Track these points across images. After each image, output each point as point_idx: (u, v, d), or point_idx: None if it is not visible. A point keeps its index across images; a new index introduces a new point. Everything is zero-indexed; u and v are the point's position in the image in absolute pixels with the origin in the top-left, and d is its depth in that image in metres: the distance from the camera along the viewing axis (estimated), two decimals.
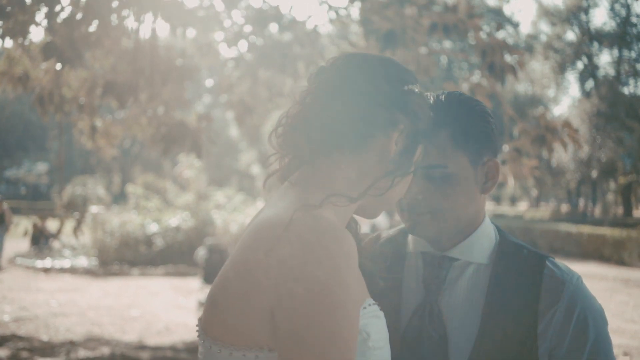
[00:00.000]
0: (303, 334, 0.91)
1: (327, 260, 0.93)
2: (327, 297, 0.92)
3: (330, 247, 0.94)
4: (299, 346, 0.91)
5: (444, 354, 1.33)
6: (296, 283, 0.92)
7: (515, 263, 1.37)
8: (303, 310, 0.92)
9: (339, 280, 0.93)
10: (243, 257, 1.00)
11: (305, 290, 0.92)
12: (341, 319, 0.93)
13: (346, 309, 0.94)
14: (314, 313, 0.91)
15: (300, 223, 0.97)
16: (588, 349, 1.29)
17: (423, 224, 1.35)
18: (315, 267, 0.92)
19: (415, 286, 1.42)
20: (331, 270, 0.93)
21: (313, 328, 0.91)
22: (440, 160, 1.31)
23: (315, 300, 0.91)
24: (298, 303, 0.92)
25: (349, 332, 0.94)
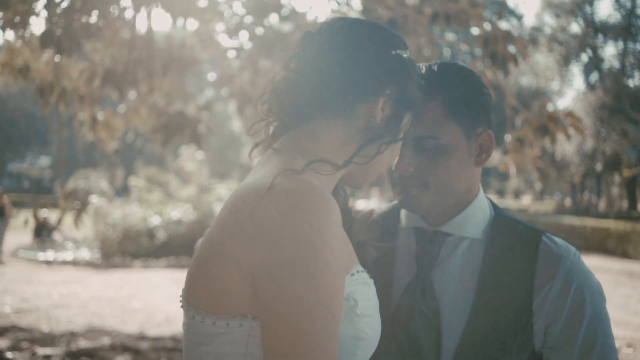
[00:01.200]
0: (284, 298, 0.88)
1: (308, 222, 0.90)
2: (309, 259, 0.88)
3: (312, 209, 0.91)
4: (279, 311, 0.88)
5: (437, 330, 1.29)
6: (277, 245, 0.89)
7: (510, 238, 1.32)
8: (284, 273, 0.88)
9: (321, 242, 0.90)
10: (224, 223, 0.97)
11: (286, 253, 0.89)
12: (324, 282, 0.89)
13: (330, 271, 0.90)
14: (296, 276, 0.88)
15: (282, 186, 0.94)
16: (585, 326, 1.24)
17: (415, 197, 1.31)
18: (296, 229, 0.89)
19: (407, 262, 1.38)
20: (313, 232, 0.89)
21: (294, 292, 0.88)
22: (433, 130, 1.26)
23: (296, 263, 0.88)
24: (279, 266, 0.89)
25: (333, 296, 0.90)
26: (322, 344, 0.88)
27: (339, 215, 0.95)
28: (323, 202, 0.93)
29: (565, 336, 1.25)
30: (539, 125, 6.13)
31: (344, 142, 1.08)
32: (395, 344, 1.32)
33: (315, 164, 1.02)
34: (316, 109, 1.07)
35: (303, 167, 1.00)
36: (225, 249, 0.94)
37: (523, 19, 41.35)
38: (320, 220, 0.91)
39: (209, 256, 0.97)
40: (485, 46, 5.90)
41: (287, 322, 0.88)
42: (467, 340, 1.26)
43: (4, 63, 6.49)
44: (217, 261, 0.95)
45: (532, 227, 1.35)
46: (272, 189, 0.94)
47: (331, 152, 1.07)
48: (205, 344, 0.97)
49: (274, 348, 0.89)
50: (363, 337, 1.02)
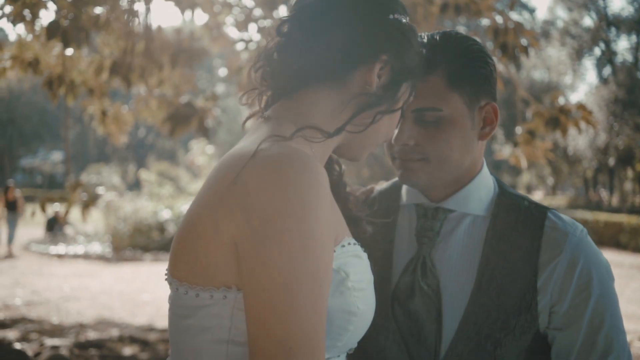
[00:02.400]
0: (266, 268, 0.85)
1: (293, 188, 0.86)
2: (293, 227, 0.85)
3: (298, 175, 0.87)
4: (262, 281, 0.85)
5: (437, 309, 1.25)
6: (260, 213, 0.86)
7: (514, 214, 1.28)
8: (266, 241, 0.85)
9: (306, 210, 0.86)
10: (208, 190, 0.94)
11: (268, 220, 0.85)
12: (310, 251, 0.86)
13: (316, 240, 0.87)
14: (279, 244, 0.84)
15: (267, 152, 0.90)
16: (592, 306, 1.19)
17: (415, 172, 1.26)
18: (280, 196, 0.85)
19: (407, 240, 1.34)
20: (298, 198, 0.86)
21: (277, 261, 0.84)
22: (434, 102, 1.22)
23: (280, 231, 0.85)
24: (261, 234, 0.85)
25: (319, 266, 0.87)
26: (308, 316, 0.85)
27: (327, 184, 0.92)
28: (309, 168, 0.89)
29: (571, 316, 1.20)
30: (549, 118, 6.07)
31: (338, 110, 1.04)
32: (394, 323, 1.29)
33: (305, 130, 0.99)
34: (309, 75, 1.04)
35: (292, 134, 0.96)
36: (209, 218, 0.91)
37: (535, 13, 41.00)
38: (305, 187, 0.87)
39: (193, 226, 0.94)
40: (496, 37, 5.84)
41: (270, 293, 0.84)
42: (469, 320, 1.22)
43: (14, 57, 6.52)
44: (200, 231, 0.92)
45: (537, 204, 1.30)
46: (257, 154, 0.90)
47: (324, 119, 1.03)
48: (189, 317, 0.94)
49: (256, 321, 0.86)
50: (355, 311, 0.99)
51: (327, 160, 1.19)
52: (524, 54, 5.73)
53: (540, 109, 6.15)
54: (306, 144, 0.99)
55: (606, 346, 1.18)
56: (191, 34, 6.83)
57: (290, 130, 0.98)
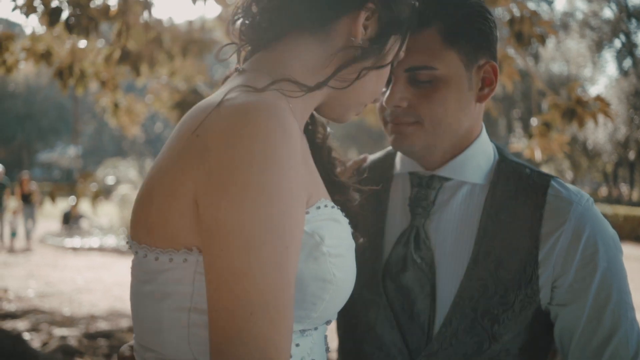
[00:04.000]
0: (226, 226, 0.77)
1: (259, 139, 0.78)
2: (256, 181, 0.77)
3: (264, 126, 0.79)
4: (222, 241, 0.77)
5: (431, 283, 1.17)
6: (221, 166, 0.78)
7: (515, 182, 1.18)
8: (227, 197, 0.77)
9: (273, 163, 0.78)
10: (170, 144, 0.87)
11: (230, 174, 0.77)
12: (275, 209, 0.78)
13: (282, 198, 0.79)
14: (241, 200, 0.77)
15: (233, 102, 0.82)
16: (598, 279, 1.10)
17: (408, 137, 1.17)
18: (244, 146, 0.78)
19: (401, 210, 1.25)
20: (264, 150, 0.78)
21: (238, 219, 0.77)
22: (428, 60, 1.13)
23: (242, 185, 0.77)
24: (221, 189, 0.78)
25: (286, 227, 0.79)
26: (272, 280, 0.77)
27: (298, 138, 0.84)
28: (278, 119, 0.81)
29: (575, 291, 1.12)
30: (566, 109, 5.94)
31: (320, 64, 0.96)
32: (385, 298, 1.21)
33: (282, 83, 0.90)
34: (289, 26, 0.96)
35: (265, 86, 0.88)
36: (169, 174, 0.84)
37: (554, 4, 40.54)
38: (272, 138, 0.79)
39: (153, 183, 0.87)
40: (511, 26, 5.73)
41: (229, 253, 0.77)
42: (464, 295, 1.14)
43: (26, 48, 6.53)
44: (160, 187, 0.85)
45: (540, 171, 1.21)
46: (221, 104, 0.83)
47: (304, 73, 0.95)
48: (148, 283, 0.88)
49: (214, 284, 0.78)
50: (330, 279, 0.92)
51: (311, 122, 1.11)
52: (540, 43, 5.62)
53: (557, 101, 6.03)
54: (282, 99, 0.90)
55: (613, 323, 1.10)
56: (202, 25, 6.80)
57: (265, 83, 0.90)
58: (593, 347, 1.11)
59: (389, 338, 1.20)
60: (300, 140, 0.86)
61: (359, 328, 1.25)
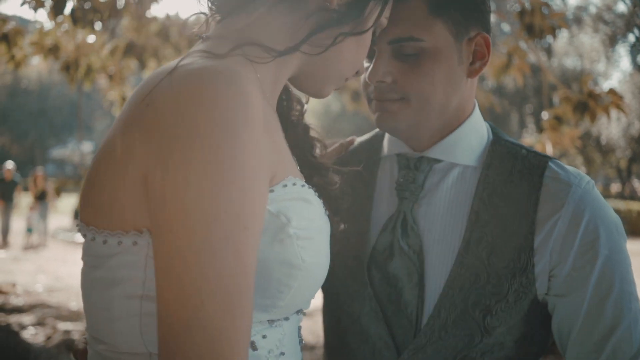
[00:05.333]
0: (176, 204, 0.70)
1: (214, 107, 0.71)
2: (209, 153, 0.70)
3: (220, 93, 0.72)
4: (170, 219, 0.70)
5: (419, 272, 1.09)
6: (171, 137, 0.71)
7: (510, 164, 1.10)
8: (177, 171, 0.71)
9: (229, 134, 0.71)
10: (121, 116, 0.80)
11: (181, 144, 0.71)
12: (230, 183, 0.71)
13: (239, 172, 0.72)
14: (192, 175, 0.70)
15: (188, 66, 0.76)
16: (599, 268, 1.02)
17: (393, 115, 1.09)
18: (196, 115, 0.71)
19: (388, 195, 1.18)
20: (219, 120, 0.71)
21: (188, 194, 0.70)
22: (413, 31, 1.05)
23: (193, 157, 0.70)
24: (170, 162, 0.71)
25: (243, 204, 0.72)
26: (226, 265, 0.71)
27: (258, 109, 0.77)
28: (237, 88, 0.74)
29: (574, 281, 1.04)
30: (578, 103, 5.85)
31: (291, 28, 0.89)
32: (370, 288, 1.14)
33: (246, 48, 0.84)
34: None
35: (227, 51, 0.81)
36: (118, 147, 0.78)
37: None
38: (229, 107, 0.72)
39: (102, 160, 0.81)
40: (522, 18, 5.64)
41: (178, 235, 0.70)
42: (454, 284, 1.07)
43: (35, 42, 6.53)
44: (108, 163, 0.79)
45: (537, 152, 1.13)
46: (175, 70, 0.76)
47: (273, 38, 0.89)
48: (98, 268, 0.81)
49: (163, 269, 0.72)
50: (298, 264, 0.84)
51: (286, 97, 1.05)
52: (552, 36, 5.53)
53: (568, 94, 5.93)
54: (248, 66, 0.84)
55: (615, 315, 1.02)
56: None
57: (228, 48, 0.83)
58: (593, 341, 1.03)
59: (375, 331, 1.14)
60: (262, 111, 0.79)
61: (343, 321, 1.19)
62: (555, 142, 6.28)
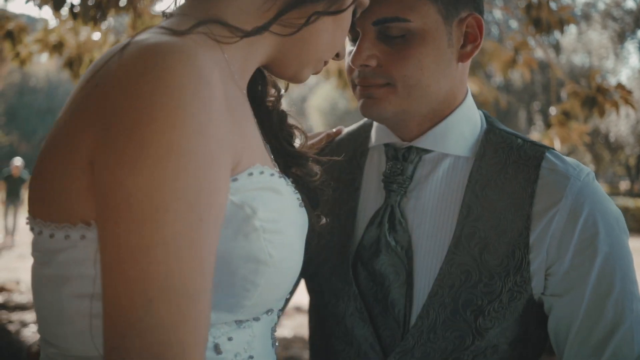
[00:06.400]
0: (121, 191, 0.63)
1: (165, 86, 0.65)
2: (159, 137, 0.64)
3: (173, 71, 0.66)
4: (116, 210, 0.64)
5: (407, 270, 1.03)
6: (118, 117, 0.65)
7: (504, 154, 1.04)
8: (123, 156, 0.64)
9: (181, 115, 0.65)
10: (70, 98, 0.74)
11: (128, 127, 0.64)
12: (182, 169, 0.64)
13: (193, 157, 0.65)
14: (138, 160, 0.63)
15: (141, 43, 0.69)
16: (598, 265, 0.95)
17: (379, 101, 1.02)
18: (146, 97, 0.64)
19: (375, 187, 1.12)
20: (170, 100, 0.64)
21: (135, 182, 0.63)
22: (400, 11, 0.98)
23: (141, 141, 0.63)
24: (117, 146, 0.64)
25: (199, 193, 0.65)
26: (179, 260, 0.64)
27: (218, 91, 0.71)
28: (193, 66, 0.68)
29: (572, 279, 0.97)
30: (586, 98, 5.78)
31: (260, 9, 0.83)
32: (356, 287, 1.07)
33: (210, 25, 0.78)
34: None
35: (188, 28, 0.75)
36: (65, 132, 0.72)
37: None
38: (183, 89, 0.66)
39: (49, 147, 0.75)
40: (528, 12, 5.58)
41: (125, 227, 0.63)
42: (444, 282, 1.01)
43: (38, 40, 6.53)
44: (55, 150, 0.73)
45: (534, 142, 1.06)
46: (127, 46, 0.70)
47: (240, 17, 0.82)
48: (47, 265, 0.74)
49: (109, 265, 0.65)
50: (265, 260, 0.78)
51: (260, 82, 0.98)
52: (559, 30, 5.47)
53: (577, 89, 5.86)
54: (214, 47, 0.78)
55: (616, 316, 0.95)
56: None
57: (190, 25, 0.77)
58: (592, 343, 0.96)
59: (360, 332, 1.08)
60: (223, 92, 0.73)
61: (328, 321, 1.13)
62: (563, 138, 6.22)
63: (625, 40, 35.81)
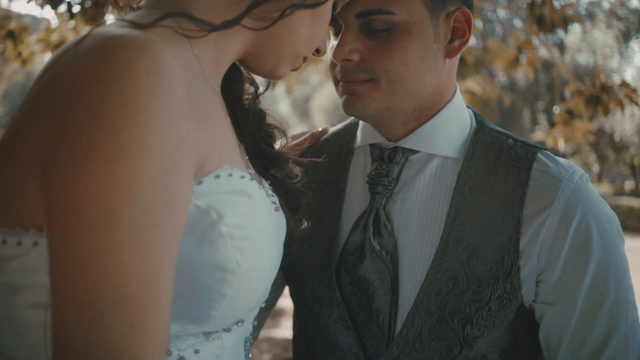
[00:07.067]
0: (69, 195, 0.59)
1: (117, 82, 0.61)
2: (110, 136, 0.59)
3: (127, 65, 0.62)
4: (63, 215, 0.59)
5: (392, 276, 0.98)
6: (67, 115, 0.60)
7: (494, 155, 0.99)
8: (72, 156, 0.59)
9: (135, 113, 0.60)
10: (25, 100, 0.70)
11: (77, 125, 0.60)
12: (136, 172, 0.60)
13: (148, 158, 0.61)
14: (88, 161, 0.59)
15: (96, 36, 0.65)
16: (591, 272, 0.91)
17: (361, 98, 0.98)
18: (97, 93, 0.60)
19: (361, 189, 1.07)
20: (122, 96, 0.60)
21: (84, 185, 0.59)
22: (383, 3, 0.93)
23: (93, 142, 0.59)
24: (67, 146, 0.60)
25: (155, 197, 0.61)
26: (134, 270, 0.59)
27: (177, 87, 0.66)
28: (149, 60, 0.63)
29: (564, 286, 0.93)
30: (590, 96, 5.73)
31: (232, 2, 0.78)
32: (339, 293, 1.03)
33: (176, 19, 0.73)
34: None
35: (152, 21, 0.71)
36: (17, 132, 0.68)
37: None
38: (138, 83, 0.61)
39: (2, 149, 0.70)
40: (531, 10, 5.53)
41: (73, 234, 0.59)
42: (430, 289, 0.96)
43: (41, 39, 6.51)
44: (7, 150, 0.68)
45: (526, 142, 1.01)
46: (84, 40, 0.66)
47: (210, 10, 0.78)
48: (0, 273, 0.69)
49: (57, 274, 0.60)
50: (232, 268, 0.73)
51: (236, 78, 0.94)
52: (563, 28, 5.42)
53: (580, 87, 5.81)
54: (182, 42, 0.74)
55: (610, 325, 0.91)
56: None
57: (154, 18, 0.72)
58: (586, 353, 0.93)
59: (343, 340, 1.03)
60: (186, 88, 0.68)
61: (311, 328, 1.08)
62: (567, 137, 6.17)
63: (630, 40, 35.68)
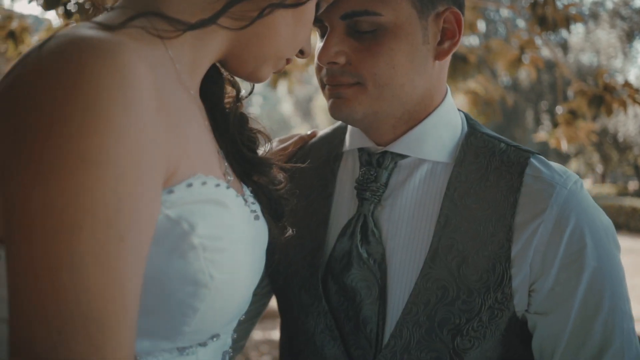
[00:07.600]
0: (26, 207, 0.56)
1: (78, 87, 0.57)
2: (70, 145, 0.56)
3: (88, 69, 0.58)
4: (20, 228, 0.56)
5: (380, 285, 0.94)
6: (28, 123, 0.57)
7: (485, 160, 0.95)
8: (29, 166, 0.56)
9: (96, 120, 0.57)
10: None
11: (38, 135, 0.56)
12: (99, 181, 0.57)
13: (111, 168, 0.57)
14: (49, 171, 0.56)
15: (59, 39, 0.61)
16: (585, 282, 0.87)
17: (348, 101, 0.94)
18: (57, 97, 0.57)
19: (349, 195, 1.03)
20: (83, 102, 0.57)
21: (42, 197, 0.55)
22: (370, 4, 0.90)
23: (53, 150, 0.56)
24: (23, 155, 0.56)
25: (119, 207, 0.58)
26: (96, 285, 0.56)
27: (144, 91, 0.62)
28: (113, 63, 0.60)
29: (557, 296, 0.89)
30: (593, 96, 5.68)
31: (208, 0, 0.74)
32: (326, 303, 0.99)
33: (148, 19, 0.69)
34: None
35: (121, 22, 0.67)
36: None
37: None
38: (100, 87, 0.58)
39: None
40: (534, 9, 5.49)
41: (30, 248, 0.56)
42: (418, 299, 0.92)
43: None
44: None
45: (519, 146, 0.98)
46: (47, 43, 0.61)
47: (183, 10, 0.74)
48: None
49: (14, 290, 0.57)
50: (205, 282, 0.69)
51: (217, 81, 0.89)
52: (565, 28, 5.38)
53: (583, 87, 5.76)
54: (155, 43, 0.70)
55: (605, 336, 0.87)
56: None
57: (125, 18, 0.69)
58: None
59: (330, 351, 0.99)
60: (154, 92, 0.64)
61: (297, 338, 1.05)
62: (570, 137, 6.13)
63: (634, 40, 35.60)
